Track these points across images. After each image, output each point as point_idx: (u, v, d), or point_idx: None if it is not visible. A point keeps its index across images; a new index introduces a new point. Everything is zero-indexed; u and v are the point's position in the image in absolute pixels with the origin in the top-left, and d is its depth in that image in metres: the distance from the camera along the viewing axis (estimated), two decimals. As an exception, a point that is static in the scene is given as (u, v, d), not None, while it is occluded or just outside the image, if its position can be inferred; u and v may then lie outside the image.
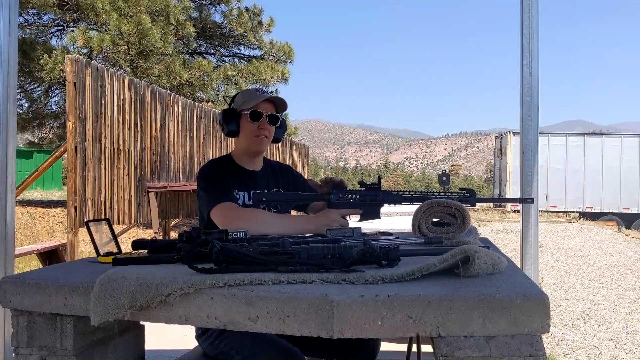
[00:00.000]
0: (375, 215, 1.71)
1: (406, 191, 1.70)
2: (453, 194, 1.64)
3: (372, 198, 1.70)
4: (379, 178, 1.78)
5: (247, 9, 13.46)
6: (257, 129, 1.86)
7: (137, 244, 1.42)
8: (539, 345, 0.94)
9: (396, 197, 1.70)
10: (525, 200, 1.81)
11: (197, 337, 1.71)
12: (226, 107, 1.95)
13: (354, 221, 1.73)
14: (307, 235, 1.58)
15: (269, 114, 1.87)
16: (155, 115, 6.40)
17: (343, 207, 1.71)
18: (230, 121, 1.88)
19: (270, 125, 1.88)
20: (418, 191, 1.68)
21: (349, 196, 1.71)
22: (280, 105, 1.91)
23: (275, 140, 1.96)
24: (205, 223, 1.80)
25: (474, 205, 1.67)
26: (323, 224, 1.66)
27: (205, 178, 1.83)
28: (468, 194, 1.65)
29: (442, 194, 1.65)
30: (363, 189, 1.72)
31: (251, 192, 1.81)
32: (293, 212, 2.07)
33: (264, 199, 1.74)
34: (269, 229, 1.62)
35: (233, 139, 1.95)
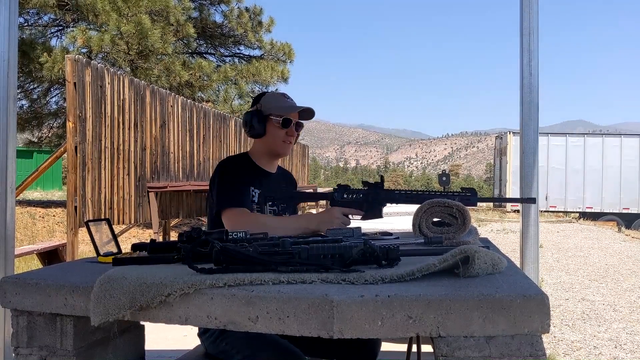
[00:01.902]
0: (377, 215, 1.72)
1: (408, 190, 1.71)
2: (455, 194, 1.65)
3: (374, 196, 1.71)
4: (382, 178, 1.79)
5: (247, 9, 13.47)
6: (286, 135, 1.90)
7: (136, 248, 1.41)
8: (539, 345, 0.94)
9: (398, 196, 1.70)
10: (527, 200, 1.81)
11: (200, 335, 1.72)
12: (250, 108, 1.97)
13: (355, 220, 1.73)
14: (307, 235, 1.59)
15: (297, 121, 1.93)
16: (155, 115, 6.40)
17: (346, 206, 1.72)
18: (257, 123, 1.90)
19: (296, 132, 1.95)
20: (420, 191, 1.69)
21: (352, 195, 1.73)
22: (308, 115, 1.97)
23: None
24: (212, 217, 1.82)
25: (475, 205, 1.68)
26: (325, 220, 1.68)
27: (223, 175, 1.84)
28: (469, 194, 1.65)
29: (444, 193, 1.65)
30: (366, 188, 1.73)
31: (261, 192, 1.85)
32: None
33: (272, 196, 1.80)
34: (274, 232, 1.64)
35: (251, 139, 1.98)
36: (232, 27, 13.10)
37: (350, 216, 1.73)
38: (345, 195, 1.73)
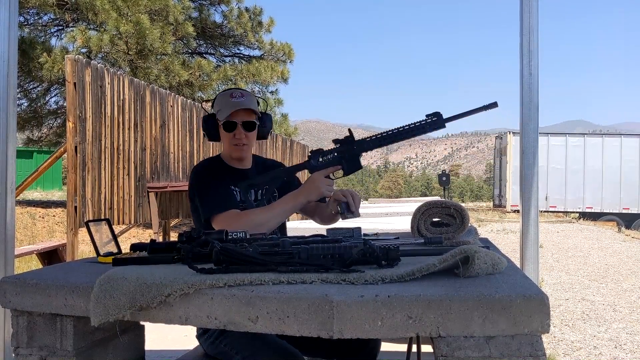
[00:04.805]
0: (357, 166, 1.73)
1: (379, 134, 1.70)
2: (421, 122, 1.61)
3: (348, 151, 1.71)
4: (350, 131, 1.78)
5: (247, 9, 13.45)
6: (234, 137, 1.83)
7: (135, 248, 1.41)
8: (539, 345, 0.94)
9: (371, 143, 1.70)
10: (489, 106, 1.65)
11: (198, 337, 1.71)
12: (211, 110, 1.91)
13: (338, 177, 1.74)
14: (307, 235, 1.58)
15: (243, 121, 1.81)
16: (155, 115, 6.40)
17: (323, 168, 1.72)
18: (210, 128, 1.85)
19: (246, 132, 1.83)
20: (389, 130, 1.67)
21: (327, 156, 1.73)
22: (254, 109, 1.85)
23: (260, 137, 1.93)
24: (201, 224, 1.80)
25: (444, 127, 1.61)
26: (311, 189, 1.70)
27: (201, 182, 1.81)
28: (435, 117, 1.60)
29: (412, 124, 1.61)
30: (338, 145, 1.73)
31: (238, 184, 1.79)
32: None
33: (252, 183, 1.76)
34: (268, 223, 1.67)
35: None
36: (232, 27, 13.09)
37: (332, 175, 1.73)
38: (321, 159, 1.73)
